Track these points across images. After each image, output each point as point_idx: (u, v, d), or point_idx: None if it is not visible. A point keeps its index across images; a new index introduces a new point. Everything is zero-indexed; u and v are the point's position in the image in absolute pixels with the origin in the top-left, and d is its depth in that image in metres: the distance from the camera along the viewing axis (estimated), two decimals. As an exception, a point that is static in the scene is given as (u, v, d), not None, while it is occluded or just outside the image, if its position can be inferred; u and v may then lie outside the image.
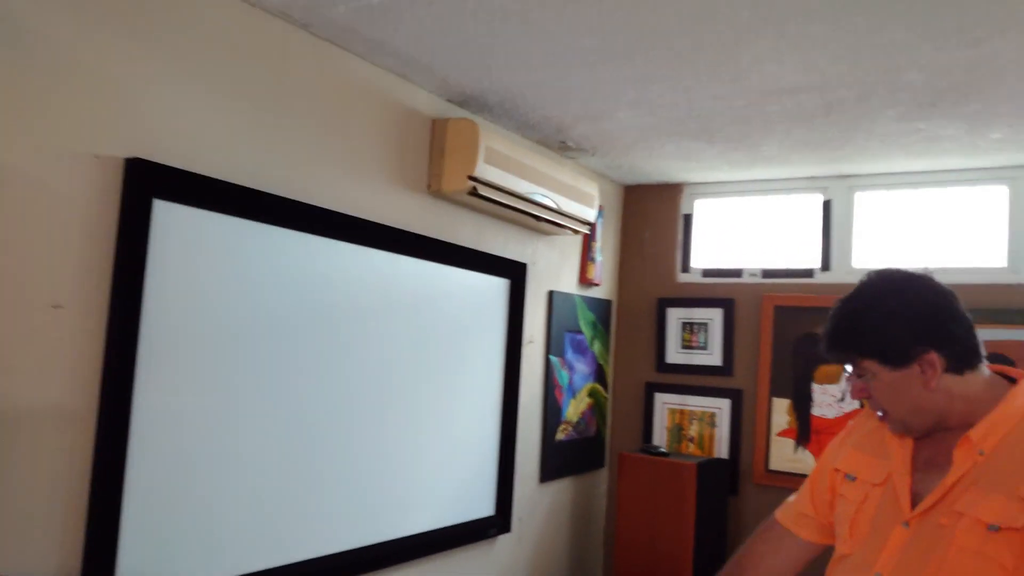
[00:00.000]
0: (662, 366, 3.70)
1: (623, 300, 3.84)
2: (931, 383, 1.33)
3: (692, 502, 3.08)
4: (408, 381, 2.51)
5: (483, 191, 2.51)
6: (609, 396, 3.77)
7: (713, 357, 3.57)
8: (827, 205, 3.44)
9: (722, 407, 3.53)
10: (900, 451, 1.43)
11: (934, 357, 1.32)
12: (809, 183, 3.47)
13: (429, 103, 2.55)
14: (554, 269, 3.31)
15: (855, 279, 3.34)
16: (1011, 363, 3.11)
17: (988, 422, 1.32)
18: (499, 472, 2.92)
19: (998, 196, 3.19)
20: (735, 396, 3.50)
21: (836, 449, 1.60)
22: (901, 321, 1.33)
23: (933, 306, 1.35)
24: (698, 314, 3.63)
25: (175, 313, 1.82)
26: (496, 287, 2.91)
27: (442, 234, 2.63)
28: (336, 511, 2.28)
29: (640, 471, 3.26)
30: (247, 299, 2.00)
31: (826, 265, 3.43)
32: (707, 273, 3.68)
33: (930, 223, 3.30)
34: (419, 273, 2.54)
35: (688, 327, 3.66)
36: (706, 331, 3.60)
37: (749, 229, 3.66)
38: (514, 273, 2.98)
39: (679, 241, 3.76)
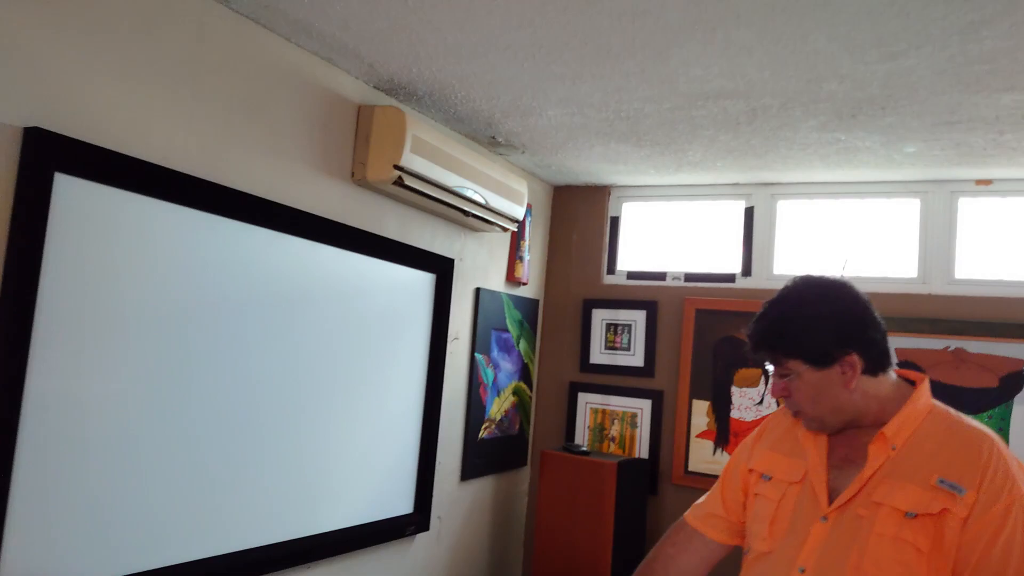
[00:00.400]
0: (586, 366, 3.72)
1: (550, 300, 3.84)
2: (850, 383, 1.42)
3: (612, 501, 3.10)
4: (326, 374, 2.45)
5: (409, 182, 2.47)
6: (533, 395, 3.77)
7: (636, 358, 3.60)
8: (749, 212, 3.52)
9: (643, 408, 3.56)
10: (815, 450, 1.50)
11: (855, 359, 1.41)
12: (733, 190, 3.54)
13: (355, 89, 2.50)
14: (482, 266, 3.28)
15: (775, 285, 3.41)
16: (921, 369, 3.23)
17: (899, 419, 1.42)
18: (419, 470, 2.88)
19: (911, 209, 3.31)
20: (656, 397, 3.54)
21: (748, 450, 1.66)
22: (828, 324, 1.42)
23: (856, 312, 1.45)
24: (622, 315, 3.66)
25: (75, 295, 1.73)
26: (422, 281, 2.87)
27: (366, 225, 2.57)
28: (247, 506, 2.21)
29: (561, 469, 3.27)
30: (156, 283, 1.91)
31: (747, 271, 3.49)
32: (632, 275, 3.71)
33: (848, 232, 3.40)
34: (341, 264, 2.48)
35: (612, 328, 3.68)
36: (629, 332, 3.63)
37: (674, 233, 3.71)
38: (441, 268, 2.95)
39: (606, 243, 3.78)
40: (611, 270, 3.77)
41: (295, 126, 2.29)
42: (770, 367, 1.51)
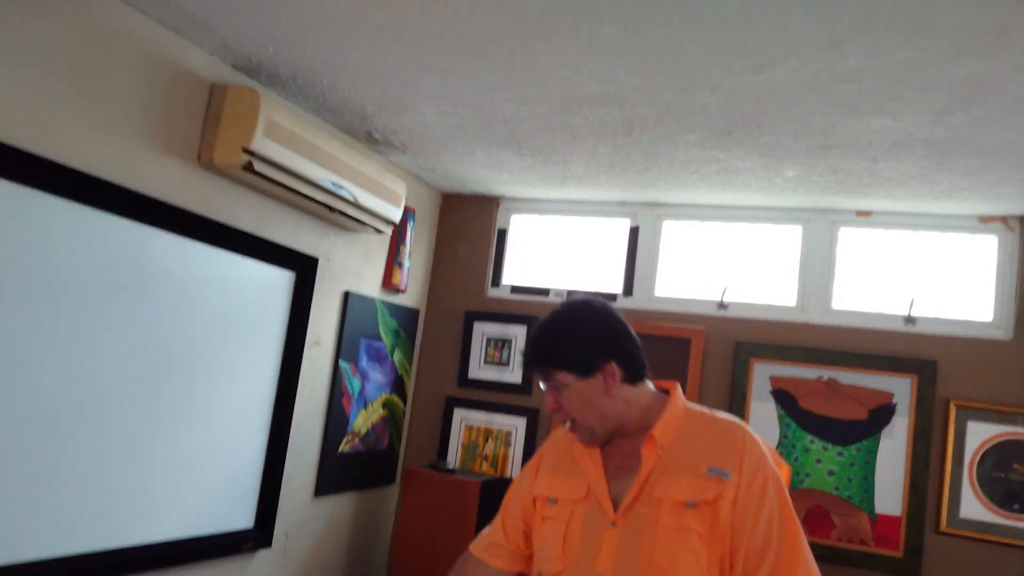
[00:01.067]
0: (464, 381, 3.58)
1: (431, 310, 3.70)
2: (612, 390, 1.55)
3: (473, 520, 2.95)
4: (159, 370, 2.24)
5: (261, 168, 2.30)
6: (407, 409, 3.60)
7: (514, 375, 3.49)
8: (634, 231, 3.46)
9: (518, 426, 3.44)
10: (592, 465, 1.61)
11: (614, 368, 1.55)
12: (619, 208, 3.48)
13: (208, 66, 2.32)
14: (353, 269, 3.11)
15: (656, 307, 3.38)
16: (793, 399, 3.22)
17: (663, 422, 1.56)
18: (263, 482, 2.67)
19: (793, 236, 3.31)
20: (531, 415, 3.42)
21: (530, 478, 1.73)
22: (590, 337, 1.57)
23: (613, 326, 1.60)
24: (504, 330, 3.54)
25: None
26: (278, 279, 2.69)
27: (214, 213, 2.38)
28: (59, 510, 1.99)
29: (426, 488, 3.12)
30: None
31: (629, 291, 3.43)
32: (515, 290, 3.61)
33: (730, 257, 3.38)
34: (182, 253, 2.28)
35: (493, 343, 3.56)
36: (510, 348, 3.52)
37: (560, 249, 3.63)
38: (301, 267, 2.77)
39: (492, 255, 3.67)
40: (496, 283, 3.65)
41: (132, 100, 2.10)
42: (543, 385, 1.61)
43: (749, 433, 1.56)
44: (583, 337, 1.56)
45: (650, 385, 1.64)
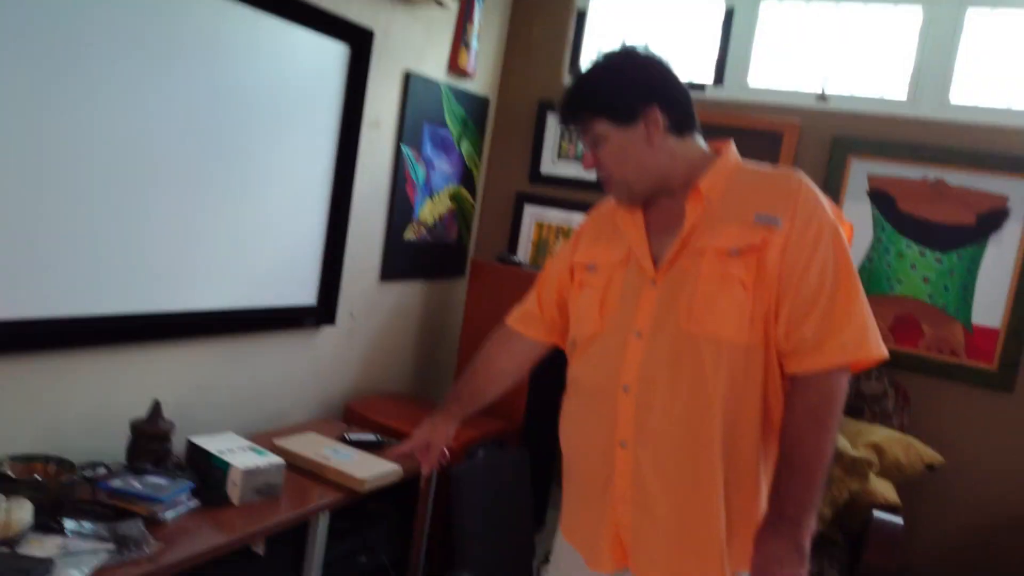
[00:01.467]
0: (536, 176, 3.43)
1: (503, 100, 3.50)
2: (654, 139, 1.42)
3: (536, 313, 2.90)
4: (205, 138, 2.17)
5: (301, -84, 2.09)
6: (477, 204, 3.51)
7: (588, 171, 3.30)
8: (729, 13, 3.10)
9: (589, 223, 3.30)
10: (633, 227, 1.49)
11: (657, 114, 1.41)
12: (714, -17, 3.11)
13: None
14: (415, 47, 2.92)
15: (749, 97, 3.09)
16: (892, 200, 2.93)
17: (711, 175, 1.43)
18: (324, 262, 2.66)
19: (911, 18, 2.89)
20: (603, 212, 3.27)
21: (569, 250, 1.65)
22: (629, 79, 1.43)
23: (657, 69, 1.45)
24: (579, 122, 3.32)
25: None
26: (330, 51, 2.52)
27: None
28: (125, 270, 2.04)
29: (492, 279, 3.07)
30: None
31: (719, 79, 3.12)
32: (594, 77, 3.34)
33: (837, 44, 3.00)
34: (220, 15, 2.14)
35: (567, 135, 3.36)
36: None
37: (645, 32, 3.30)
38: (355, 39, 2.58)
39: (570, 39, 3.39)
40: (573, 70, 3.40)
41: None
42: (582, 143, 1.50)
43: (805, 180, 1.41)
44: (623, 81, 1.42)
45: (701, 142, 1.49)
